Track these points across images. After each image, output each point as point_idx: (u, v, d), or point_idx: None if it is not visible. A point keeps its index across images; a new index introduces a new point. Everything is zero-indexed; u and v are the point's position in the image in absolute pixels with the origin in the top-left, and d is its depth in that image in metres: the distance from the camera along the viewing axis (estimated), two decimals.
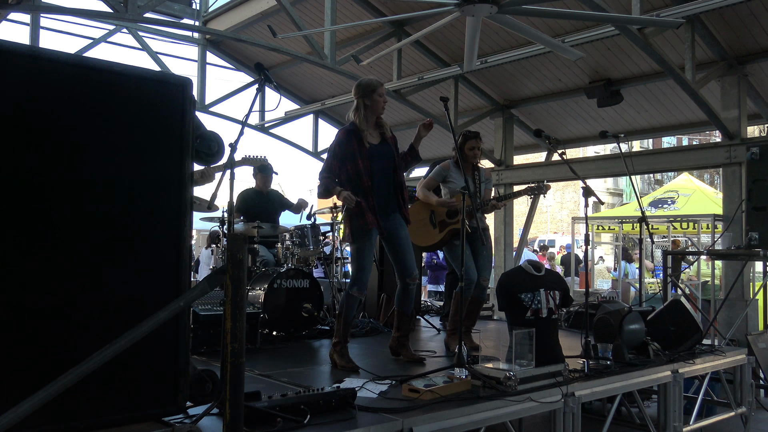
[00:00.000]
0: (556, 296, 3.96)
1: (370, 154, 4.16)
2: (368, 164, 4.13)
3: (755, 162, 5.61)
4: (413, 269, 4.32)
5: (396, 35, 8.76)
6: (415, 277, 4.33)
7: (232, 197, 3.76)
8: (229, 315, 2.13)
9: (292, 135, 50.18)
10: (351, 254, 4.26)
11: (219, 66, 11.41)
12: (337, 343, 4.19)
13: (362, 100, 4.20)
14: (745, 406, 5.14)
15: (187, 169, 2.59)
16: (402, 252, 4.28)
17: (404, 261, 4.29)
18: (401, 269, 4.30)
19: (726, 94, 7.61)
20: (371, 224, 4.09)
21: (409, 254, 4.31)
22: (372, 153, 4.17)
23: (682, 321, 4.93)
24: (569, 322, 6.16)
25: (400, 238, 4.27)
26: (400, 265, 4.30)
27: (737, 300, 6.87)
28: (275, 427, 2.62)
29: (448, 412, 3.02)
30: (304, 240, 6.14)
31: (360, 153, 4.12)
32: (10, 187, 2.18)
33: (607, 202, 28.21)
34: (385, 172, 4.23)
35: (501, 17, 4.93)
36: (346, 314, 4.22)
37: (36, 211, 2.23)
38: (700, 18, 6.89)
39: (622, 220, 11.56)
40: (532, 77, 9.15)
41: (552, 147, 9.78)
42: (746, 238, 5.60)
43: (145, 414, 2.45)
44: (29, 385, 1.98)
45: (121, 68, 2.46)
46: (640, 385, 4.19)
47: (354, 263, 4.22)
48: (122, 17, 7.04)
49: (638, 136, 10.58)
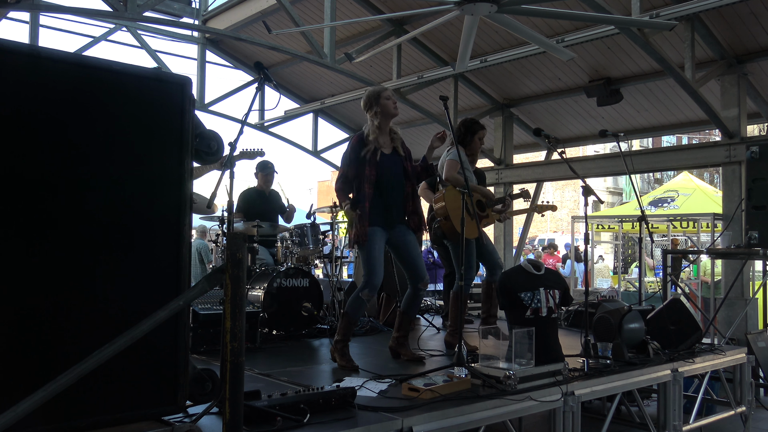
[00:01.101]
0: (555, 295, 3.95)
1: (380, 163, 4.15)
2: (374, 173, 4.12)
3: (755, 161, 5.61)
4: (424, 274, 4.32)
5: (395, 34, 8.75)
6: (426, 281, 4.32)
7: (231, 196, 3.77)
8: (228, 314, 2.13)
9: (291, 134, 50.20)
10: (362, 259, 4.23)
11: (218, 65, 11.43)
12: (338, 341, 4.17)
13: (372, 110, 4.20)
14: (744, 405, 5.14)
15: (186, 167, 2.58)
16: (411, 258, 4.28)
17: (415, 267, 4.28)
18: (412, 275, 4.30)
19: (726, 93, 7.61)
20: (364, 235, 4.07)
21: (419, 259, 4.32)
22: (382, 163, 4.16)
23: (682, 320, 4.93)
24: (569, 321, 6.17)
25: (407, 243, 4.27)
26: (411, 271, 4.30)
27: (737, 299, 6.88)
28: (275, 426, 2.62)
29: (447, 411, 3.01)
30: (303, 239, 6.14)
31: (369, 160, 4.12)
32: (9, 186, 2.17)
33: (606, 201, 28.20)
34: (393, 182, 4.21)
35: (498, 16, 4.93)
36: (352, 315, 4.21)
37: (35, 209, 2.22)
38: (700, 17, 6.90)
39: (621, 219, 11.57)
40: (532, 76, 9.15)
41: (551, 146, 9.79)
42: (746, 237, 5.60)
43: (144, 413, 2.45)
44: (29, 385, 1.98)
45: (120, 67, 2.45)
46: (639, 384, 4.19)
47: (364, 267, 4.19)
48: (122, 16, 7.04)
49: (638, 135, 10.59)
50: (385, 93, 4.22)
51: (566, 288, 4.14)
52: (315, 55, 8.05)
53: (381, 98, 4.18)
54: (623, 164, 5.67)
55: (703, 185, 14.34)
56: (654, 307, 4.98)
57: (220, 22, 9.86)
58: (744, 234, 5.68)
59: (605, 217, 13.47)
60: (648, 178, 29.33)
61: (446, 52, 9.10)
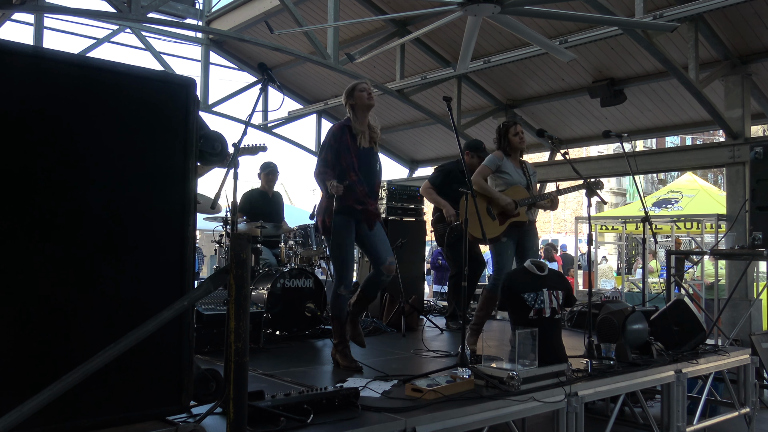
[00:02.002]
0: (559, 296, 3.95)
1: (359, 153, 4.13)
2: (356, 161, 4.10)
3: (759, 161, 5.59)
4: (387, 256, 4.13)
5: (398, 35, 8.75)
6: (390, 265, 4.10)
7: (235, 197, 3.76)
8: (232, 314, 2.14)
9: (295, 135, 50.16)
10: (330, 251, 4.15)
11: (222, 66, 11.45)
12: (338, 344, 4.17)
13: (348, 102, 4.20)
14: (748, 407, 5.13)
15: (190, 168, 2.59)
16: (375, 241, 4.14)
17: (377, 250, 4.13)
18: (375, 258, 4.14)
19: (729, 94, 7.59)
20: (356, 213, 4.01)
21: (382, 242, 4.17)
22: (360, 153, 4.14)
23: (686, 321, 4.93)
24: (572, 321, 6.16)
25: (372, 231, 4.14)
26: (374, 255, 4.15)
27: (741, 300, 6.86)
28: (278, 427, 2.62)
29: (451, 411, 3.02)
30: (307, 240, 6.14)
31: (351, 148, 4.10)
32: (15, 186, 2.18)
33: (610, 201, 28.15)
34: (367, 174, 4.16)
35: (501, 17, 4.94)
36: (338, 315, 4.17)
37: (40, 210, 2.23)
38: (704, 17, 6.88)
39: (625, 219, 11.54)
40: (535, 77, 9.15)
41: (555, 147, 9.79)
42: (750, 238, 5.58)
43: (149, 413, 2.45)
44: (34, 384, 1.99)
45: (124, 68, 2.46)
46: (643, 385, 4.19)
47: (336, 260, 4.13)
48: (126, 17, 7.06)
49: (641, 135, 10.57)
50: (359, 85, 4.19)
51: (569, 289, 4.14)
52: (318, 56, 8.06)
53: (355, 90, 4.16)
54: (627, 165, 5.66)
55: (707, 186, 14.32)
56: (658, 308, 4.97)
57: (224, 23, 9.88)
58: (748, 235, 5.67)
59: (609, 218, 13.44)
60: (651, 179, 29.28)
61: (450, 53, 9.10)
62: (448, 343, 5.37)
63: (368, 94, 4.16)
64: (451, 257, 6.33)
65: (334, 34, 8.15)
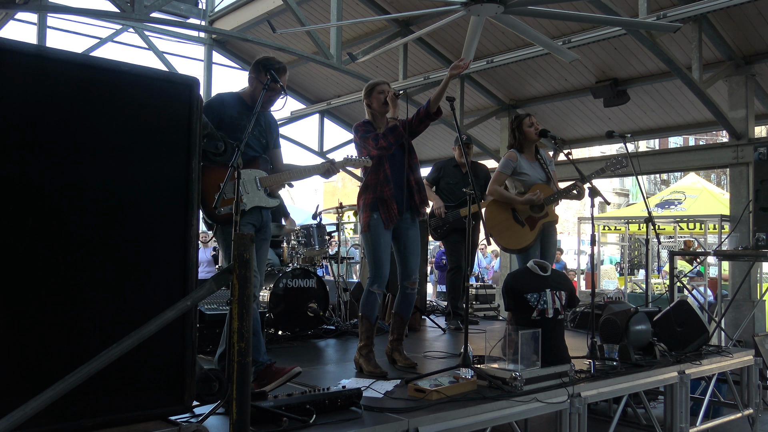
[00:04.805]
0: (562, 296, 3.94)
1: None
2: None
3: (763, 162, 5.58)
4: (414, 272, 4.11)
5: (401, 35, 8.75)
6: (414, 281, 4.10)
7: (237, 197, 3.76)
8: (235, 314, 2.14)
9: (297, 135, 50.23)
10: (366, 248, 3.99)
11: (225, 66, 11.45)
12: (362, 347, 3.93)
13: (366, 102, 4.13)
14: (752, 408, 5.12)
15: (194, 168, 2.59)
16: (407, 253, 4.10)
17: (407, 262, 4.10)
18: (403, 271, 4.10)
19: (733, 94, 7.58)
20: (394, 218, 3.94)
21: (414, 257, 4.12)
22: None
23: (689, 322, 4.91)
24: (575, 322, 6.15)
25: (408, 237, 4.08)
26: (403, 267, 4.11)
27: (744, 301, 6.84)
28: (281, 427, 2.62)
29: (453, 412, 3.01)
30: (309, 240, 6.15)
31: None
32: (16, 187, 2.18)
33: (613, 202, 28.10)
34: (397, 171, 4.02)
35: (504, 17, 4.94)
36: (368, 314, 3.98)
37: (42, 210, 2.23)
38: (708, 17, 6.87)
39: (628, 220, 11.54)
40: (538, 77, 9.14)
41: (558, 147, 9.74)
42: (753, 239, 5.57)
43: (151, 413, 2.45)
44: (37, 384, 1.99)
45: (128, 68, 2.46)
46: (646, 386, 4.18)
47: (371, 258, 3.97)
48: (129, 17, 7.07)
49: (645, 136, 10.55)
50: (378, 87, 4.08)
51: (572, 289, 4.13)
52: (321, 56, 8.06)
53: (374, 92, 4.08)
54: (630, 165, 5.65)
55: (711, 187, 14.30)
56: (661, 308, 4.96)
57: (227, 23, 9.89)
58: (751, 235, 5.66)
59: (612, 219, 13.43)
60: (655, 180, 29.22)
61: (453, 53, 9.10)
62: (450, 343, 5.37)
63: (386, 97, 4.02)
64: (446, 250, 6.40)
65: (336, 33, 8.15)
